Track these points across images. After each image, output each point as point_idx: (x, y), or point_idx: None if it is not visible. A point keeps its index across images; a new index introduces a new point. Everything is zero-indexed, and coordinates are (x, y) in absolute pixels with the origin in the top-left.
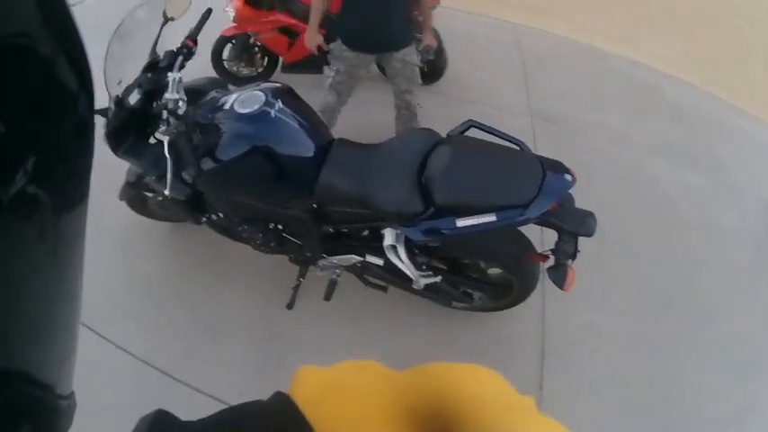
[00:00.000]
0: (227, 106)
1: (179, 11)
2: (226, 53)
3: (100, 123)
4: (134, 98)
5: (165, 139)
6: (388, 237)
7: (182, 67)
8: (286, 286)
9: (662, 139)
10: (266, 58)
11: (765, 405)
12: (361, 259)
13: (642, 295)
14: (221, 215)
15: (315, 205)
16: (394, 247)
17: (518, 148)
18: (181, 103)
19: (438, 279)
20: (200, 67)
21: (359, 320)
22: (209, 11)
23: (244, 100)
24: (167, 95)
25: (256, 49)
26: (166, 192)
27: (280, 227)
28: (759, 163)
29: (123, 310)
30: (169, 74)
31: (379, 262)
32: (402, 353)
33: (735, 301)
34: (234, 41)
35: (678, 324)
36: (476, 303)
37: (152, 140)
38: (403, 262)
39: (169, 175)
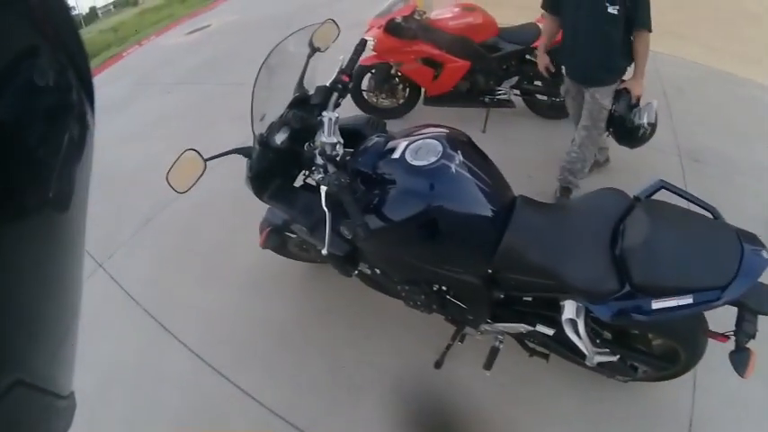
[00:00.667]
0: (396, 155)
1: (327, 41)
2: (365, 83)
3: (242, 164)
4: (281, 138)
5: (323, 190)
6: (569, 310)
7: (337, 105)
8: (435, 343)
9: None
10: (408, 90)
11: None
12: (531, 329)
13: None
14: (378, 271)
15: (490, 270)
16: (573, 321)
17: (712, 216)
18: (338, 148)
19: (615, 358)
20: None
21: (509, 385)
22: (363, 42)
23: (417, 149)
24: (324, 138)
25: (397, 79)
26: (324, 251)
27: (444, 288)
28: None
29: (255, 356)
30: (324, 113)
31: (550, 332)
32: (551, 420)
33: None
34: (374, 71)
35: None
36: (640, 375)
37: (297, 183)
38: (581, 338)
39: (328, 231)
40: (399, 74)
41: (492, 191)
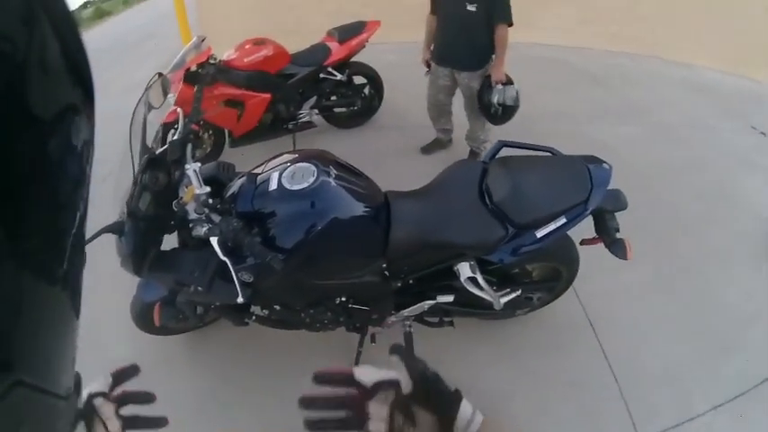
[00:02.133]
0: (272, 187)
1: (159, 98)
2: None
3: (111, 243)
4: (144, 204)
5: (214, 240)
6: (465, 270)
7: (193, 155)
8: (344, 358)
9: (590, 104)
10: (212, 137)
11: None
12: (434, 302)
13: (640, 242)
14: (277, 308)
15: (384, 265)
16: (473, 278)
17: (551, 154)
18: (209, 198)
19: (518, 293)
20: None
21: (432, 363)
22: (200, 89)
23: (292, 175)
24: (198, 190)
25: (200, 129)
26: (239, 300)
27: (344, 299)
28: (671, 94)
29: None
30: (188, 166)
31: (450, 299)
32: (481, 374)
33: (714, 214)
34: (176, 127)
35: (683, 250)
36: (535, 303)
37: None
38: (483, 289)
39: (237, 280)
40: (201, 122)
41: (368, 192)
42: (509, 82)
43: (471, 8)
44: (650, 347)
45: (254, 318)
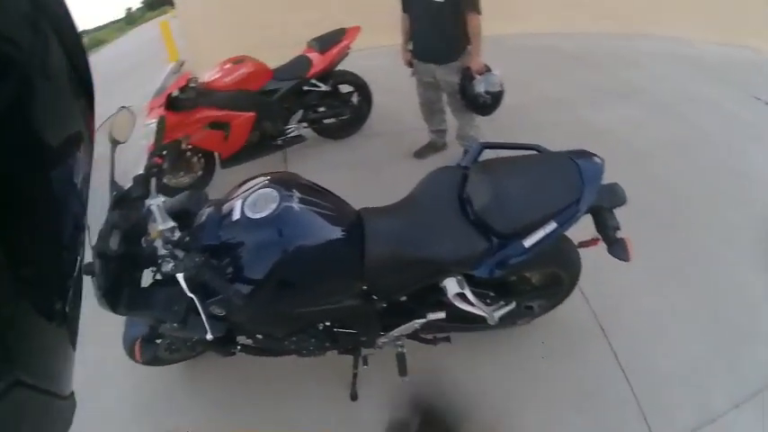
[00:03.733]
0: (236, 216)
1: (126, 131)
2: None
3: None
4: (115, 243)
5: (180, 277)
6: (452, 286)
7: (158, 190)
8: (339, 380)
9: (586, 88)
10: (202, 160)
11: None
12: (425, 320)
13: (647, 231)
14: (260, 337)
15: (365, 287)
16: (461, 294)
17: (538, 152)
18: (176, 231)
19: (512, 306)
20: None
21: (427, 382)
22: (162, 119)
23: (254, 203)
24: (161, 226)
25: (189, 153)
26: (209, 336)
27: (328, 324)
28: (666, 70)
29: None
30: (149, 202)
31: (442, 315)
32: (488, 390)
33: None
34: (165, 153)
35: (693, 234)
36: (536, 312)
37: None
38: (474, 305)
39: (204, 317)
40: (190, 146)
41: (338, 214)
42: (488, 70)
43: (439, 0)
44: (664, 346)
45: (239, 347)
